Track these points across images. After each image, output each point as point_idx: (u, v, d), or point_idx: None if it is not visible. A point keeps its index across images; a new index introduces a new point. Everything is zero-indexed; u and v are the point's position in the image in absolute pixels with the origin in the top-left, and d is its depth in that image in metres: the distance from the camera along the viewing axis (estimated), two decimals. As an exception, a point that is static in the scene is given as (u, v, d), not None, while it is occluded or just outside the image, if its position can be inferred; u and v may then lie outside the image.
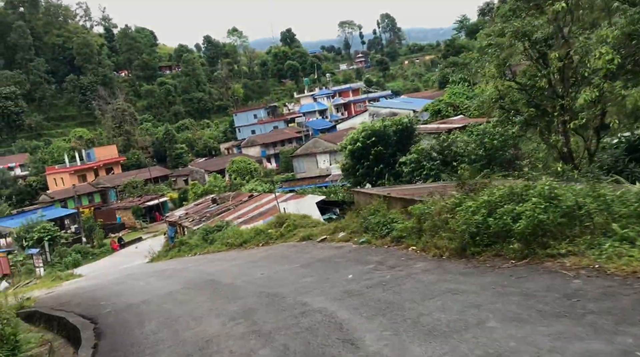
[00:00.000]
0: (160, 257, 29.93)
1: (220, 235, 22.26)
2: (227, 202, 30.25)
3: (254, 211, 26.30)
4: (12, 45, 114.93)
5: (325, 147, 52.84)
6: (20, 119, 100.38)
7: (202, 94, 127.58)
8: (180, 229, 30.73)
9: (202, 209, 31.54)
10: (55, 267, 36.05)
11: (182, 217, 30.93)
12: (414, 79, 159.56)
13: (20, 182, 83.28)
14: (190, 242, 24.58)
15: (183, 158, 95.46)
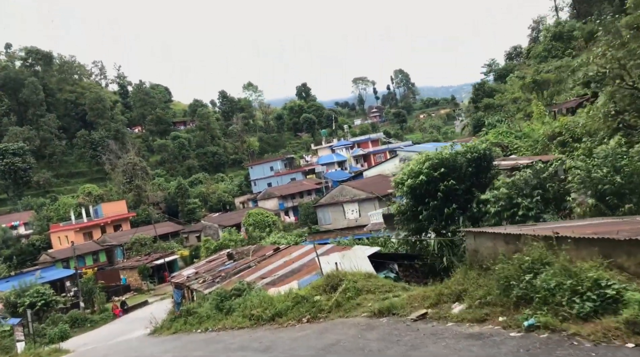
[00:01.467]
0: (164, 329, 23.75)
1: (241, 303, 16.28)
2: (246, 258, 24.35)
3: (283, 268, 20.27)
4: (24, 102, 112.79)
5: (353, 196, 47.06)
6: (28, 176, 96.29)
7: (216, 148, 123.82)
8: (188, 292, 24.71)
9: (215, 267, 25.61)
10: (38, 340, 29.87)
11: (190, 278, 24.96)
12: (433, 131, 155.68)
13: (23, 241, 78.00)
14: (200, 312, 18.52)
15: (196, 213, 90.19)
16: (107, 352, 19.12)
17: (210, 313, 17.72)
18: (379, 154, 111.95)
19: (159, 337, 21.43)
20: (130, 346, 20.20)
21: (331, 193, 49.62)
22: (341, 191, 48.44)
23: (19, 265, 69.25)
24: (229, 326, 15.10)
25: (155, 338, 21.31)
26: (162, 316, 31.22)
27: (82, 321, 42.99)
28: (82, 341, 38.25)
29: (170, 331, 21.43)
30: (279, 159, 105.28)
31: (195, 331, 17.38)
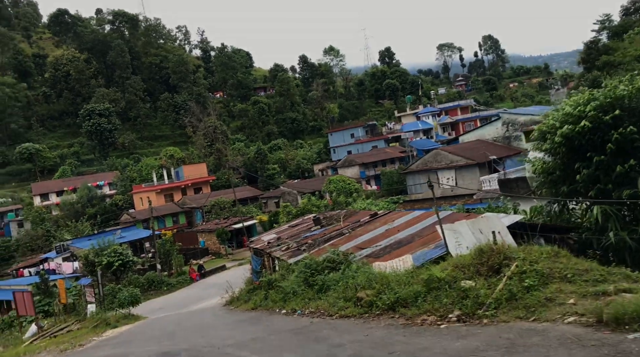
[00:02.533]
0: (241, 302, 20.53)
1: (339, 279, 12.39)
2: (336, 224, 20.59)
3: (385, 237, 16.22)
4: (111, 64, 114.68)
5: (450, 162, 42.02)
6: (113, 137, 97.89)
7: (295, 114, 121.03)
8: (268, 260, 21.36)
9: (300, 233, 22.11)
10: (107, 304, 27.86)
11: (271, 244, 21.56)
12: (525, 100, 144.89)
13: (107, 200, 79.11)
14: (284, 286, 14.90)
15: (275, 179, 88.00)
16: (174, 329, 16.06)
17: (297, 289, 14.04)
18: (469, 123, 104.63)
19: (235, 312, 18.16)
20: (202, 321, 17.09)
21: (424, 158, 44.81)
22: (435, 156, 43.49)
23: (102, 224, 70.03)
24: (324, 310, 11.31)
25: (231, 313, 18.07)
26: (240, 283, 28.35)
27: (159, 284, 41.44)
28: (157, 305, 36.47)
29: (248, 305, 18.10)
30: (360, 126, 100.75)
31: (278, 310, 13.78)
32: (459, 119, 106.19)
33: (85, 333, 19.94)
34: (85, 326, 22.17)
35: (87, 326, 21.99)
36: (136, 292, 26.49)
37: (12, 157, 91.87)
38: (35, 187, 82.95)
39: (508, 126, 46.56)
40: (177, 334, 14.32)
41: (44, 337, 19.84)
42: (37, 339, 19.70)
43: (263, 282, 17.16)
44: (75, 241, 55.21)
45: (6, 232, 72.93)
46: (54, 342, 17.90)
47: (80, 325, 22.44)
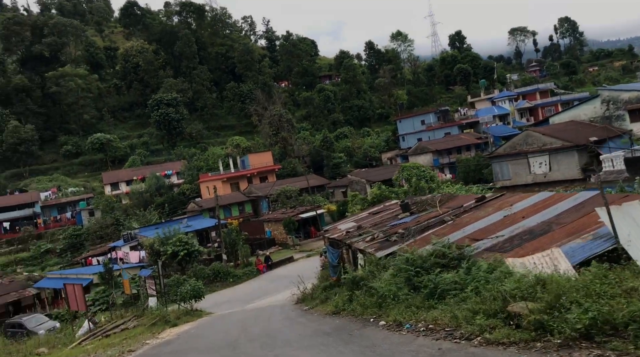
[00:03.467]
0: (316, 301, 17.42)
1: (463, 281, 8.95)
2: (431, 211, 17.10)
3: (507, 225, 12.58)
4: (178, 55, 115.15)
5: (543, 144, 37.18)
6: (181, 127, 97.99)
7: (362, 102, 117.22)
8: (347, 253, 18.15)
9: (384, 221, 18.80)
10: (172, 295, 25.60)
11: (351, 233, 18.34)
12: (610, 83, 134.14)
13: (175, 190, 78.77)
14: (376, 287, 11.59)
15: (341, 168, 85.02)
16: (238, 336, 13.16)
17: (396, 292, 10.68)
18: (549, 107, 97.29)
19: (312, 315, 15.06)
20: (272, 327, 14.12)
21: (512, 141, 40.10)
22: (525, 138, 38.74)
23: (169, 213, 69.46)
24: (447, 326, 7.94)
25: (307, 317, 14.98)
26: (311, 278, 25.37)
27: (225, 275, 39.34)
28: (222, 298, 34.26)
29: (327, 307, 14.95)
30: (431, 112, 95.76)
31: (373, 320, 10.51)
32: (538, 104, 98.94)
33: (140, 333, 17.55)
34: (142, 323, 19.87)
35: (145, 324, 19.66)
36: (199, 286, 24.06)
37: (84, 147, 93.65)
38: (105, 177, 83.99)
39: (608, 104, 41.09)
40: (241, 345, 11.42)
41: (95, 337, 17.61)
42: (87, 338, 17.48)
43: (346, 280, 13.96)
44: (142, 230, 54.39)
45: (78, 220, 73.92)
46: (103, 345, 15.54)
47: (137, 322, 20.18)
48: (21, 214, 73.42)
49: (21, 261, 63.96)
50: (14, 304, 42.09)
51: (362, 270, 14.12)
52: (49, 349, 17.13)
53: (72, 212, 77.00)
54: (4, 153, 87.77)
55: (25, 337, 30.64)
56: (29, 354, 16.39)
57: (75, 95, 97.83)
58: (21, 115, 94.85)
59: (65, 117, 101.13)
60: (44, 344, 18.58)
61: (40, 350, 16.72)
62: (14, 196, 77.45)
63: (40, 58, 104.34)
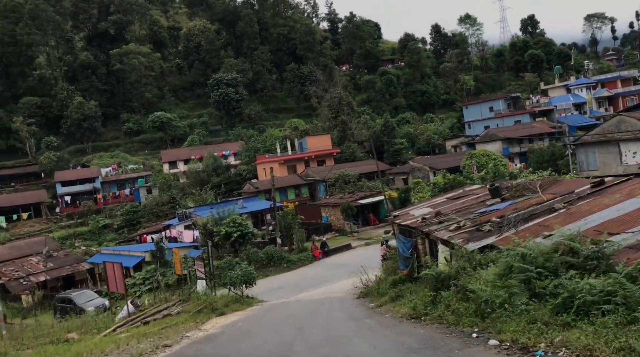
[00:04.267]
0: (384, 298, 14.72)
1: (618, 291, 5.99)
2: (531, 197, 14.02)
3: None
4: (240, 35, 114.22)
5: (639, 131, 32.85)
6: (240, 108, 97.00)
7: (426, 87, 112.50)
8: (424, 243, 15.34)
9: (468, 207, 15.85)
10: (224, 278, 23.56)
11: (429, 221, 15.51)
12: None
13: (232, 170, 77.84)
14: (476, 290, 8.74)
15: (402, 154, 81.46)
16: (293, 339, 10.69)
17: (507, 298, 7.83)
18: (631, 97, 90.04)
19: (381, 317, 12.37)
20: (335, 332, 11.55)
21: (601, 127, 35.81)
22: (618, 124, 34.39)
23: (225, 193, 68.49)
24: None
25: (376, 319, 12.31)
26: (372, 267, 22.73)
27: (279, 260, 37.31)
28: (275, 284, 32.18)
29: (400, 307, 12.23)
30: (501, 98, 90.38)
31: (476, 335, 7.75)
32: (618, 93, 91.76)
33: (182, 321, 15.46)
34: (186, 309, 17.82)
35: (189, 310, 17.59)
36: (250, 271, 21.89)
37: (145, 125, 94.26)
38: (164, 155, 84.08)
39: None
40: (299, 354, 8.94)
41: (133, 323, 15.67)
42: (124, 324, 15.55)
43: (427, 277, 11.19)
44: (197, 209, 53.38)
45: (136, 197, 74.22)
46: (139, 334, 13.51)
47: (181, 307, 18.16)
48: (82, 189, 74.43)
49: (80, 235, 64.60)
50: (68, 278, 41.77)
51: (447, 265, 11.32)
52: (79, 335, 15.42)
53: (130, 188, 77.52)
54: (68, 128, 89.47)
55: (73, 313, 29.69)
56: (56, 340, 14.79)
57: (138, 74, 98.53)
58: (86, 92, 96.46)
59: (127, 95, 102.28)
60: (76, 328, 16.91)
61: (70, 335, 15.04)
62: (76, 171, 78.71)
63: (105, 35, 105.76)
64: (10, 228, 66.36)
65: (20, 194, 73.41)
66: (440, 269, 10.96)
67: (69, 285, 40.47)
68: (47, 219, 70.85)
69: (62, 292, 34.32)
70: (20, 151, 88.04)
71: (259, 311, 18.42)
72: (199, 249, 29.49)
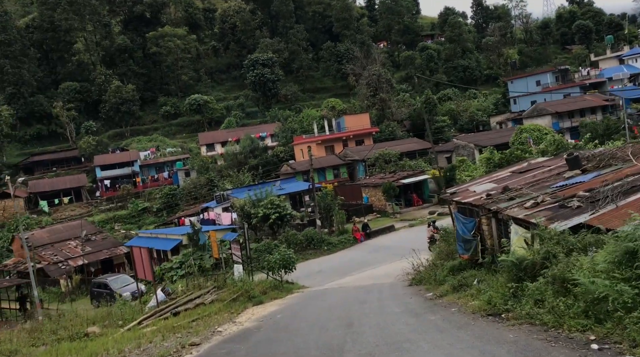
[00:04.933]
0: (443, 287, 12.76)
1: None
2: (622, 167, 11.75)
3: None
4: (275, 14, 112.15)
5: None
6: (276, 88, 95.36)
7: (468, 62, 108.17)
8: (489, 223, 13.28)
9: (541, 180, 13.65)
10: (259, 264, 22.07)
11: (494, 197, 13.39)
12: None
13: (269, 152, 76.52)
14: (585, 282, 6.69)
15: (444, 132, 78.40)
16: (343, 339, 8.92)
17: (635, 296, 5.78)
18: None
19: (449, 314, 10.45)
20: (389, 323, 9.72)
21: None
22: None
23: (263, 175, 67.25)
24: None
25: (442, 315, 10.41)
26: (420, 250, 20.77)
27: (319, 242, 35.71)
28: (315, 267, 30.60)
29: (468, 299, 10.29)
30: (548, 71, 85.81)
31: (596, 346, 5.79)
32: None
33: (215, 312, 13.94)
34: (221, 297, 16.31)
35: (224, 299, 16.07)
36: (289, 255, 20.25)
37: (182, 108, 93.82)
38: (202, 137, 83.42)
39: None
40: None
41: (162, 314, 14.24)
42: (152, 315, 14.13)
43: (507, 264, 9.18)
44: (235, 191, 52.28)
45: (174, 180, 73.90)
46: (166, 328, 12.02)
47: (216, 295, 16.66)
48: (122, 173, 74.55)
49: (120, 218, 64.64)
50: (106, 262, 41.30)
51: (528, 250, 9.29)
52: (101, 329, 14.12)
53: (169, 171, 77.28)
54: (107, 113, 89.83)
55: (110, 298, 28.84)
56: (76, 334, 13.53)
57: (175, 56, 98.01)
58: (123, 76, 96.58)
59: (164, 78, 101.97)
60: (101, 319, 15.63)
61: (91, 330, 13.76)
62: (115, 155, 78.91)
63: (141, 19, 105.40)
64: (52, 212, 67.02)
65: (62, 179, 74.09)
66: (521, 254, 8.96)
67: (107, 269, 39.99)
68: (87, 203, 71.31)
69: (98, 277, 33.66)
70: (61, 136, 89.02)
71: (299, 299, 16.79)
72: (237, 232, 28.09)
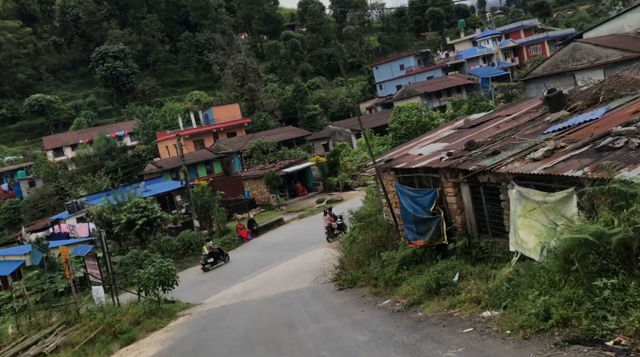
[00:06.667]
0: (395, 288, 8.88)
1: None
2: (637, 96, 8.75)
3: None
4: (124, 4, 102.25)
5: (596, 59, 29.35)
6: (131, 82, 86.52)
7: (332, 50, 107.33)
8: (458, 193, 9.67)
9: (511, 132, 10.24)
10: (127, 281, 16.77)
11: (464, 155, 9.73)
12: (583, 24, 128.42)
13: (129, 152, 68.61)
14: None
15: (317, 121, 76.17)
16: None
17: None
18: (535, 46, 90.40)
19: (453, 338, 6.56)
20: None
21: (554, 57, 32.16)
22: (572, 52, 30.82)
23: (124, 178, 59.61)
24: None
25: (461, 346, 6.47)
26: (315, 242, 16.97)
27: (198, 247, 30.54)
28: (199, 276, 25.71)
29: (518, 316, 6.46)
30: (411, 55, 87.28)
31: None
32: (522, 43, 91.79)
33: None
34: (72, 340, 11.07)
35: (76, 341, 10.86)
36: (168, 267, 15.25)
37: (22, 111, 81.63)
38: (47, 141, 72.81)
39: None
40: None
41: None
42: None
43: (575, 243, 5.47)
44: (91, 198, 44.82)
45: (16, 192, 63.26)
46: None
47: (64, 337, 11.36)
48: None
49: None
50: None
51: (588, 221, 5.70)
52: None
53: (9, 183, 66.17)
54: None
55: None
56: None
57: (7, 52, 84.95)
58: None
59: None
60: None
61: None
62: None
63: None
64: None
65: None
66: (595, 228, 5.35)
67: None
68: None
69: None
70: None
71: (190, 328, 12.06)
72: (76, 248, 22.17)
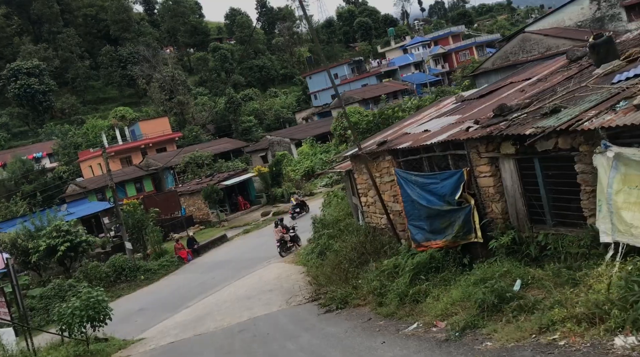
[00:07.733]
0: (415, 305, 6.61)
1: None
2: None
3: None
4: (37, 18, 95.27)
5: (546, 49, 28.47)
6: (48, 101, 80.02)
7: (262, 62, 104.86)
8: (497, 172, 7.34)
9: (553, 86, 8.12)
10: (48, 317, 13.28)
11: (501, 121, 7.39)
12: (504, 31, 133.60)
13: (49, 174, 62.78)
14: None
15: (252, 133, 73.26)
16: None
17: None
18: (464, 51, 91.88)
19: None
20: None
21: (504, 50, 31.07)
22: (522, 44, 29.83)
23: (44, 202, 54.05)
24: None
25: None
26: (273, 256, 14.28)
27: (132, 272, 26.97)
28: (134, 305, 22.23)
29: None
30: (344, 63, 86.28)
31: None
32: (451, 49, 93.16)
33: None
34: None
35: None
36: (98, 299, 12.01)
37: None
38: (-48, 168, 65.40)
39: (599, 3, 33.51)
40: None
41: None
42: None
43: None
44: (4, 225, 39.55)
45: None
46: None
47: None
48: None
49: None
50: None
51: None
52: None
53: None
54: None
55: None
56: None
57: None
58: None
59: None
60: None
61: None
62: None
63: None
64: None
65: None
66: None
67: None
68: None
69: None
70: None
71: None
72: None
